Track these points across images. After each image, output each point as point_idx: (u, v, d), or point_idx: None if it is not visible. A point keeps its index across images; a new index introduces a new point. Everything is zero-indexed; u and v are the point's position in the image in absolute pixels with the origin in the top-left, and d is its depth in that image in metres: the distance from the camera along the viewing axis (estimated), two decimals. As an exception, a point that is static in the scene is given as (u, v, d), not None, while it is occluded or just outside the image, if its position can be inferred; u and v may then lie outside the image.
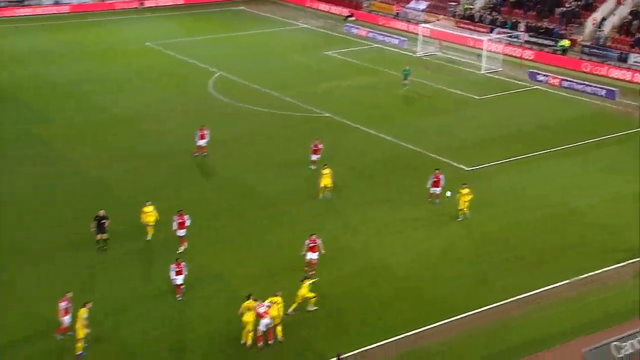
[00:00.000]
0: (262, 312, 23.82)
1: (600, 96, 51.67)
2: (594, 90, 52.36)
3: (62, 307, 23.91)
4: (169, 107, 48.69)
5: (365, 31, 70.72)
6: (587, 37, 62.69)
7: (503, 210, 34.01)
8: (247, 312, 23.89)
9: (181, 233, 29.62)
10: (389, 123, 45.58)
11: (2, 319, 25.43)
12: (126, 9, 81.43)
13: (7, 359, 23.53)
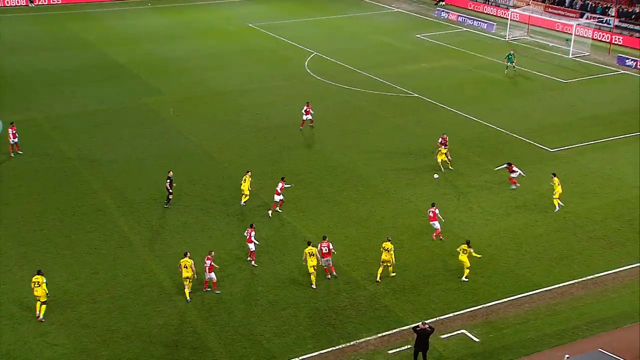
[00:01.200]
0: (325, 252, 25.57)
1: (689, 82, 49.06)
2: (684, 76, 49.70)
3: (207, 264, 25.06)
4: (269, 84, 49.43)
5: (455, 15, 69.35)
6: (679, 23, 59.35)
7: (585, 191, 33.00)
8: (310, 258, 25.21)
9: (277, 198, 30.75)
10: (476, 104, 44.79)
11: (122, 268, 26.82)
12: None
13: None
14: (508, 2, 71.26)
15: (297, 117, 42.30)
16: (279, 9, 74.64)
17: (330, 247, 26.01)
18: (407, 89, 47.78)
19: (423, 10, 73.91)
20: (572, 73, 51.58)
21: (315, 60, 55.07)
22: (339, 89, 47.98)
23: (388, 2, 77.91)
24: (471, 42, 60.62)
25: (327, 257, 25.97)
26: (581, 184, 33.82)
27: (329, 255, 25.99)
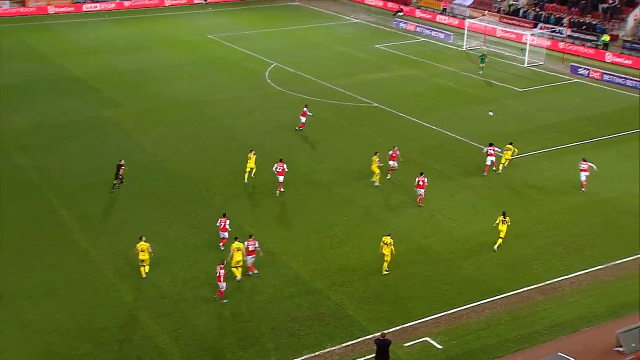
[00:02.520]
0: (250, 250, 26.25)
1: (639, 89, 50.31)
2: (634, 84, 50.99)
3: (220, 273, 24.99)
4: (230, 95, 49.20)
5: (413, 26, 70.09)
6: (629, 32, 60.99)
7: (543, 197, 33.49)
8: (237, 253, 25.82)
9: (281, 179, 33.12)
10: (435, 113, 45.23)
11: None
12: (191, 5, 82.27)
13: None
14: (465, 13, 72.33)
15: (259, 126, 42.26)
16: (238, 21, 74.46)
17: (257, 246, 26.41)
18: (368, 98, 48.03)
19: (382, 21, 74.55)
20: (527, 82, 52.49)
21: (275, 71, 55.02)
22: (300, 99, 47.95)
23: (347, 13, 78.39)
24: (429, 52, 61.29)
25: (252, 255, 26.47)
26: (539, 190, 34.33)
27: (254, 254, 26.47)
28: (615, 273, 27.23)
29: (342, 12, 78.86)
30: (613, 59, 57.80)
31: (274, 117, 44.46)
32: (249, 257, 26.56)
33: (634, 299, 25.51)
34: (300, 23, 73.29)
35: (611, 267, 27.63)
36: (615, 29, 61.42)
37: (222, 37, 66.10)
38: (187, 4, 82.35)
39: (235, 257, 26.10)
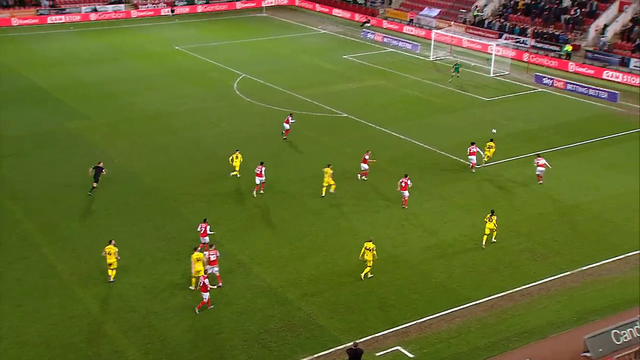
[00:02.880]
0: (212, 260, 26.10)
1: (602, 99, 51.29)
2: (597, 93, 51.99)
3: (205, 282, 24.95)
4: (198, 106, 48.96)
5: (380, 36, 70.62)
6: (590, 42, 62.21)
7: (511, 205, 33.88)
8: (197, 263, 25.77)
9: (258, 180, 34.05)
10: (404, 122, 45.54)
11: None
12: (158, 16, 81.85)
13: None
14: (431, 24, 73.11)
15: (227, 137, 42.14)
16: (205, 32, 74.23)
17: (218, 255, 26.39)
18: (336, 108, 48.19)
19: (349, 32, 74.98)
20: (493, 91, 53.18)
21: (244, 82, 54.93)
22: (269, 110, 47.95)
23: (315, 24, 78.70)
24: (397, 62, 61.78)
25: (214, 264, 26.26)
26: (507, 198, 34.73)
27: (216, 263, 26.29)
28: (582, 279, 27.62)
29: (309, 23, 79.16)
30: (576, 69, 58.89)
31: (243, 127, 44.34)
32: (212, 267, 26.34)
33: (600, 304, 25.89)
34: (268, 34, 73.35)
35: (577, 273, 28.02)
36: (577, 39, 62.61)
37: (190, 49, 65.82)
38: (154, 15, 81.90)
39: (196, 268, 26.01)
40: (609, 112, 48.55)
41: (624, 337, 22.92)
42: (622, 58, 57.79)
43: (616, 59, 58.11)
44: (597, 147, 41.52)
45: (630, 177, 36.99)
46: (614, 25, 61.73)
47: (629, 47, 58.95)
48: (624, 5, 62.34)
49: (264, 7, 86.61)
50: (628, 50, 58.71)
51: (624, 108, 49.27)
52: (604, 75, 56.98)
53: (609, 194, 35.02)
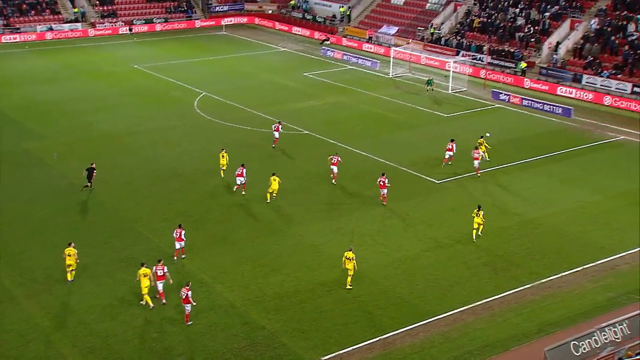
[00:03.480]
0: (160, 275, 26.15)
1: (557, 114, 52.36)
2: (552, 108, 53.09)
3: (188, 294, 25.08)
4: (158, 125, 48.56)
5: (340, 54, 71.14)
6: (544, 59, 63.69)
7: (470, 220, 34.22)
8: (144, 279, 25.89)
9: (238, 180, 36.08)
10: (365, 139, 45.83)
11: None
12: (116, 35, 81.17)
13: None
14: (390, 41, 73.99)
15: (187, 156, 41.85)
16: (164, 51, 73.82)
17: (165, 271, 26.32)
18: (298, 126, 48.28)
19: (309, 50, 75.39)
20: (452, 107, 53.94)
21: (204, 100, 54.71)
22: (230, 128, 47.80)
23: (275, 42, 78.94)
24: (357, 79, 62.28)
25: (161, 280, 26.34)
26: (466, 213, 35.07)
27: (163, 279, 26.34)
28: (542, 291, 28.03)
29: (269, 41, 79.38)
30: (531, 85, 60.14)
31: (204, 146, 44.08)
32: (158, 283, 26.42)
33: (560, 316, 26.28)
34: (228, 52, 73.29)
35: (537, 285, 28.43)
36: (531, 56, 64.04)
37: (149, 67, 65.34)
38: (112, 34, 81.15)
39: (143, 283, 25.97)
40: (564, 127, 49.63)
41: (582, 349, 23.27)
42: (574, 74, 59.21)
43: (569, 75, 59.51)
44: (553, 162, 42.36)
45: (585, 191, 37.81)
46: (566, 42, 63.30)
47: (581, 63, 60.46)
48: (575, 24, 64.03)
49: (223, 26, 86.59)
50: (580, 67, 60.20)
51: (578, 123, 50.42)
52: (558, 91, 58.30)
53: (566, 207, 35.72)
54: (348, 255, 27.67)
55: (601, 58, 59.56)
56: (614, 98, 55.13)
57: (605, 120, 50.91)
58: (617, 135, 47.44)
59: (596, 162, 42.22)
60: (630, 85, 55.32)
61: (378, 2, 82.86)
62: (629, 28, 59.69)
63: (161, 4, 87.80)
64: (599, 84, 57.20)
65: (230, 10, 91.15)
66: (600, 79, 57.31)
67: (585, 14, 64.43)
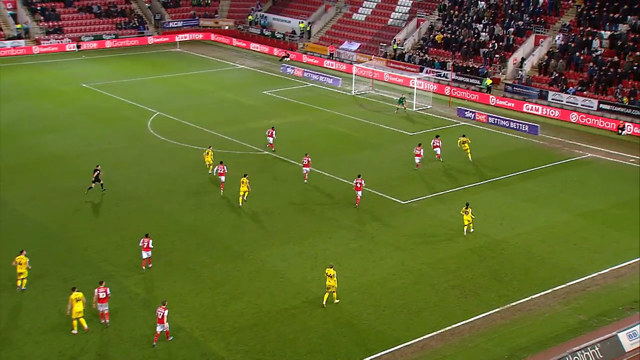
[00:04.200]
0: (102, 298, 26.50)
1: (523, 131, 53.36)
2: (518, 125, 54.09)
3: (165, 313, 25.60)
4: (109, 146, 48.03)
5: (301, 71, 71.52)
6: (509, 76, 65.01)
7: (437, 242, 34.56)
8: (76, 304, 25.95)
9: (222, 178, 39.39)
10: (326, 159, 45.99)
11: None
12: (63, 52, 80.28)
13: None
14: (352, 58, 74.73)
15: (140, 179, 41.42)
16: (116, 69, 73.27)
17: (108, 293, 26.65)
18: (257, 146, 48.24)
19: (268, 67, 75.64)
20: (416, 125, 54.57)
21: (158, 120, 54.36)
22: (186, 149, 47.51)
23: (232, 59, 79.02)
24: (318, 97, 62.65)
25: (104, 302, 26.55)
26: (433, 234, 35.44)
27: (106, 301, 26.58)
28: (512, 315, 28.33)
29: (226, 58, 79.42)
30: (497, 102, 61.27)
31: (158, 168, 43.72)
32: (101, 305, 26.59)
33: (530, 340, 26.57)
34: (182, 70, 73.08)
35: (507, 309, 28.72)
36: (496, 72, 65.31)
37: (99, 86, 64.74)
38: (59, 51, 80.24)
39: (75, 308, 25.87)
40: (531, 145, 50.60)
41: (555, 373, 23.58)
42: (540, 91, 60.55)
43: (535, 92, 60.82)
44: (520, 180, 43.08)
45: (553, 210, 38.49)
46: (531, 58, 64.78)
47: (547, 80, 61.91)
48: (539, 39, 65.57)
49: (177, 42, 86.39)
50: (546, 83, 61.63)
51: (545, 141, 51.46)
52: (524, 108, 59.49)
53: (534, 227, 36.29)
54: (329, 272, 28.19)
55: (567, 74, 61.08)
56: (581, 115, 56.49)
57: (573, 138, 52.09)
58: (585, 153, 48.55)
59: (564, 181, 43.09)
60: (596, 102, 56.82)
61: (339, 18, 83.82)
62: (593, 44, 61.39)
63: (111, 19, 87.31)
64: (565, 101, 58.60)
65: (184, 26, 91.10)
66: (567, 95, 58.71)
67: (549, 30, 66.09)
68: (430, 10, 76.16)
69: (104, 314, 26.70)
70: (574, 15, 65.73)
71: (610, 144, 50.72)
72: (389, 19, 78.86)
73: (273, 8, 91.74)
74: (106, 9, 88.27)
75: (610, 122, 54.76)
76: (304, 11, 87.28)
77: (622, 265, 32.30)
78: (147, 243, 30.64)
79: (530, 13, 67.99)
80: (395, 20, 78.19)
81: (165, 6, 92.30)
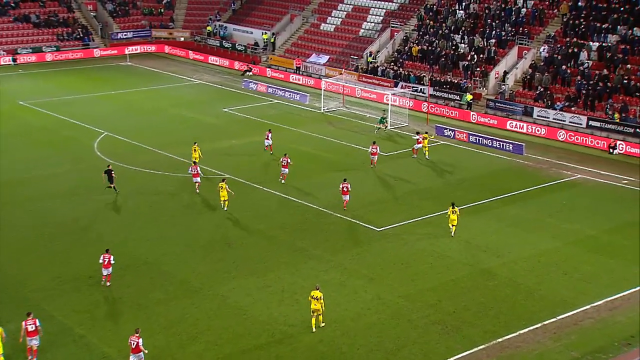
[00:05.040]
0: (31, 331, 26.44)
1: (507, 151, 54.03)
2: (502, 144, 54.74)
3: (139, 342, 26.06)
4: (50, 171, 47.56)
5: (264, 87, 71.79)
6: (491, 91, 65.91)
7: (416, 273, 34.67)
8: None
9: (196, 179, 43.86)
10: (294, 182, 46.03)
11: None
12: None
13: None
14: (320, 72, 75.24)
15: (86, 207, 41.03)
16: (57, 84, 72.84)
17: (38, 325, 26.74)
18: (217, 169, 48.12)
19: (228, 82, 75.79)
20: (392, 145, 54.95)
21: (106, 141, 54.03)
22: (137, 173, 47.22)
23: (188, 74, 79.05)
24: (284, 115, 62.88)
25: (34, 336, 26.56)
26: (411, 264, 35.55)
27: (36, 334, 26.64)
28: (498, 352, 28.44)
29: (181, 73, 79.43)
30: (478, 119, 62.08)
31: (105, 196, 43.31)
32: (30, 339, 26.52)
33: (519, 378, 26.75)
34: (133, 85, 72.89)
35: (493, 345, 28.83)
36: (477, 87, 66.16)
37: (39, 104, 64.22)
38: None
39: None
40: (516, 165, 51.27)
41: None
42: (525, 107, 61.44)
43: (519, 108, 61.68)
44: (505, 204, 43.55)
45: (541, 237, 38.91)
46: (515, 71, 65.79)
47: (532, 95, 62.88)
48: (523, 51, 66.58)
49: (127, 55, 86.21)
50: (530, 99, 62.58)
51: (531, 161, 52.19)
52: (507, 125, 60.36)
53: (521, 256, 36.62)
54: (315, 294, 28.95)
55: (553, 89, 62.14)
56: (569, 133, 57.44)
57: (560, 157, 52.92)
58: (574, 174, 49.31)
59: (552, 204, 43.65)
60: (585, 118, 57.83)
61: (306, 28, 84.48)
62: (581, 56, 62.46)
63: (52, 29, 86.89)
64: (552, 118, 59.56)
65: (135, 37, 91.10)
66: (553, 111, 59.66)
67: (533, 41, 67.20)
68: (404, 20, 77.16)
69: (32, 349, 26.40)
70: (560, 25, 66.97)
71: (601, 164, 51.61)
72: (361, 29, 79.71)
73: (233, 18, 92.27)
74: (46, 19, 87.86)
75: (601, 140, 55.78)
76: (267, 21, 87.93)
77: (616, 297, 32.67)
78: (107, 259, 31.83)
79: (512, 23, 68.90)
80: (367, 30, 79.06)
81: (113, 15, 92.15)
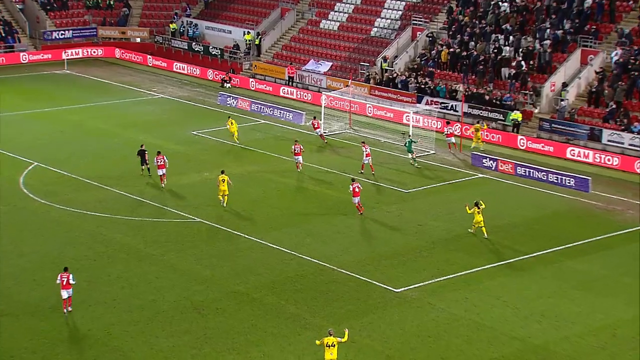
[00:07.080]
0: None
1: (568, 187, 53.63)
2: (560, 179, 54.20)
3: None
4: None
5: (247, 102, 71.78)
6: (545, 108, 65.32)
7: (447, 349, 34.28)
8: None
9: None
10: (285, 228, 45.91)
11: None
12: None
13: None
14: (320, 84, 75.10)
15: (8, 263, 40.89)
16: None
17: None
18: (183, 211, 47.95)
19: (200, 96, 75.91)
20: (414, 179, 54.75)
21: (36, 174, 54.04)
22: (77, 216, 47.03)
23: (147, 86, 79.28)
24: (272, 140, 62.87)
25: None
26: (441, 338, 35.15)
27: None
28: None
29: (138, 84, 79.65)
30: (528, 145, 61.78)
31: (34, 246, 43.09)
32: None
33: None
34: (74, 101, 73.08)
35: None
36: (527, 103, 65.53)
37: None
38: None
39: None
40: (580, 206, 50.95)
41: None
42: (591, 129, 60.87)
43: (583, 131, 61.12)
44: (566, 258, 43.17)
45: (615, 302, 38.44)
46: (577, 82, 64.92)
47: (600, 113, 62.40)
48: (588, 56, 65.79)
49: (65, 61, 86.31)
50: (598, 118, 62.11)
51: (600, 200, 51.86)
52: (568, 153, 60.11)
53: (589, 327, 36.15)
54: (328, 341, 30.63)
55: (628, 105, 61.66)
56: (650, 163, 57.10)
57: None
58: (657, 218, 49.09)
59: (629, 259, 43.25)
60: (670, 144, 57.58)
61: (301, 27, 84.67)
62: (663, 62, 62.24)
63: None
64: (627, 143, 59.14)
65: (76, 38, 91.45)
66: (629, 135, 59.17)
67: (602, 42, 66.61)
68: (430, 16, 77.21)
69: None
70: (637, 22, 66.28)
71: (693, 204, 51.41)
72: (373, 27, 79.84)
73: (206, 13, 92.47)
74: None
75: (693, 172, 55.63)
76: (251, 17, 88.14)
77: None
78: (66, 279, 34.01)
79: (573, 19, 68.21)
80: (381, 29, 79.14)
81: (47, 8, 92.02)
